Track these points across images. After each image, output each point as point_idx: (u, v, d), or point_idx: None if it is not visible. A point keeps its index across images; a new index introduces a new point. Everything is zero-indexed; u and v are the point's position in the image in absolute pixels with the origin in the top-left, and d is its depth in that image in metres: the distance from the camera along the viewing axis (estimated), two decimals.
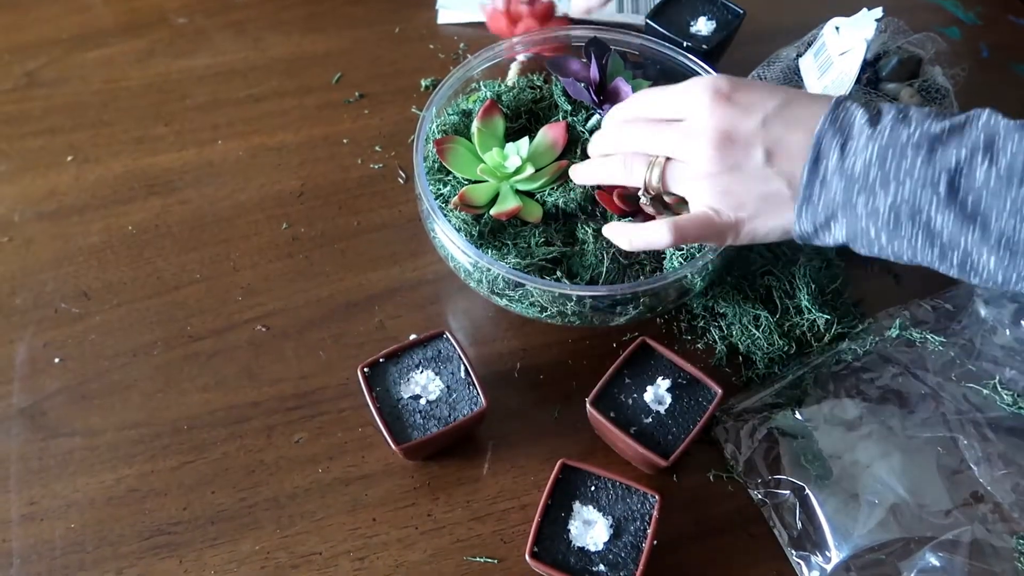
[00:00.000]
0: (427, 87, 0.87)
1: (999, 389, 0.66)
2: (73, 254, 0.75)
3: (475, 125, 0.69)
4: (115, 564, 0.61)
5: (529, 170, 0.66)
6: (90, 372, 0.69)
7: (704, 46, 0.82)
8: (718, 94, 0.55)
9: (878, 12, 0.71)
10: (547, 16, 0.83)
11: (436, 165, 0.70)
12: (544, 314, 0.65)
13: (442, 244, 0.66)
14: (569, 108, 0.72)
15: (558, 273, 0.65)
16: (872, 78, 0.76)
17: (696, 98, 0.56)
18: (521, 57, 0.77)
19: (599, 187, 0.67)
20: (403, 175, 0.81)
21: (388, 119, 0.85)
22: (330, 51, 0.90)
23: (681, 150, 0.56)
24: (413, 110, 0.86)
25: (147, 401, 0.68)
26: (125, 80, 0.88)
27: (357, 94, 0.87)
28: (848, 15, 0.74)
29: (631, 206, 0.65)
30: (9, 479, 0.64)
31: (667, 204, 0.61)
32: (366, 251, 0.76)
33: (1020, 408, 0.65)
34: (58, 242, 0.76)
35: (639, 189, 0.60)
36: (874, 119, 0.51)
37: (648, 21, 0.83)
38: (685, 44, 0.82)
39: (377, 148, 0.83)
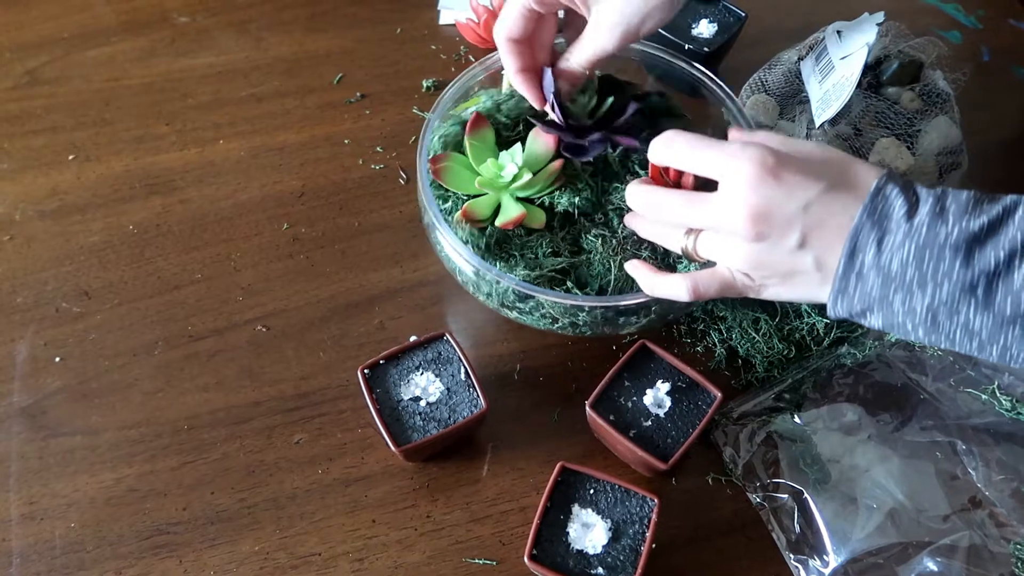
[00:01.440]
0: (428, 88, 0.87)
1: (997, 394, 0.66)
2: (74, 253, 0.75)
3: (467, 139, 0.68)
4: (115, 564, 0.61)
5: (527, 176, 0.66)
6: (90, 371, 0.69)
7: (706, 49, 0.82)
8: (764, 168, 0.53)
9: (879, 16, 0.72)
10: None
11: (437, 183, 0.68)
12: (555, 326, 0.65)
13: (449, 258, 0.65)
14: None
15: (568, 283, 0.65)
16: (873, 82, 0.76)
17: (741, 168, 0.53)
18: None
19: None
20: (404, 176, 0.81)
21: (389, 119, 0.85)
22: (332, 51, 0.90)
23: (717, 223, 0.55)
24: (414, 111, 0.86)
25: (147, 401, 0.68)
26: (127, 79, 0.88)
27: (358, 94, 0.87)
28: (850, 19, 0.74)
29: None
30: (9, 478, 0.64)
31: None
32: (367, 252, 0.76)
33: (1019, 414, 0.65)
34: (59, 241, 0.76)
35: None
36: (912, 211, 0.50)
37: None
38: (687, 47, 0.82)
39: (378, 148, 0.83)
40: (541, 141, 0.68)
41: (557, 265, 0.65)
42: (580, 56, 0.66)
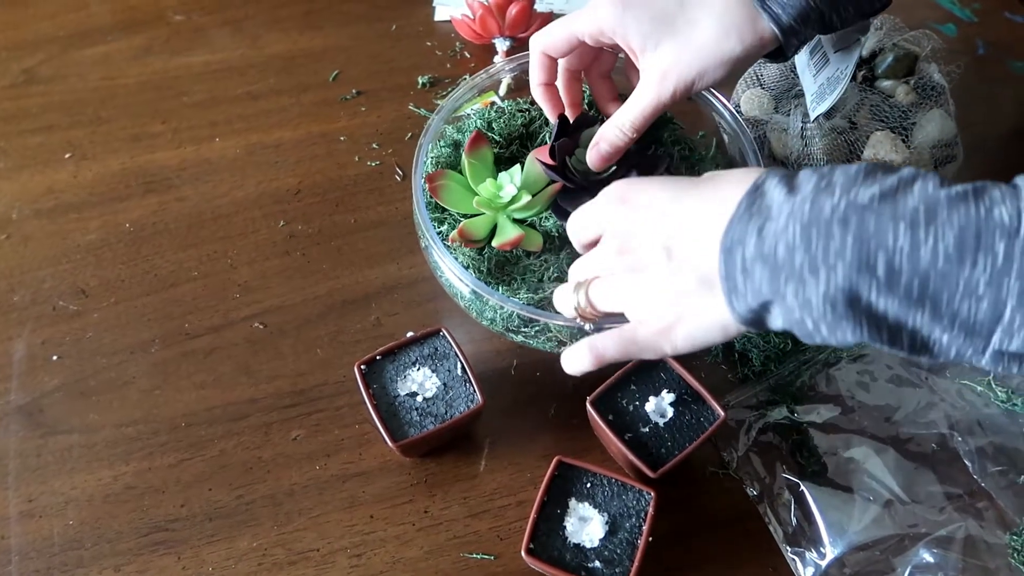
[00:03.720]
0: (424, 84, 0.87)
1: (993, 386, 0.66)
2: (71, 251, 0.76)
3: (465, 158, 0.67)
4: (113, 561, 0.61)
5: (525, 198, 0.65)
6: (88, 369, 0.69)
7: None
8: (613, 199, 0.53)
9: None
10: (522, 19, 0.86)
11: (433, 201, 0.68)
12: (562, 348, 0.64)
13: (449, 282, 0.65)
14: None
15: None
16: (868, 76, 0.76)
17: (599, 210, 0.54)
18: (507, 80, 0.77)
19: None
20: (400, 172, 0.81)
21: (385, 116, 0.85)
22: (327, 48, 0.91)
23: (594, 267, 0.55)
24: (410, 107, 0.86)
25: (145, 398, 0.68)
26: (123, 77, 0.88)
27: (354, 91, 0.87)
28: None
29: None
30: (8, 476, 0.64)
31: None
32: (363, 248, 0.76)
33: (1014, 405, 0.65)
34: (56, 239, 0.76)
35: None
36: (792, 191, 0.45)
37: None
38: None
39: (374, 145, 0.83)
40: (540, 164, 0.67)
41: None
42: (624, 117, 0.62)
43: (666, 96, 0.60)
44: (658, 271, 0.50)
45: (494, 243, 0.65)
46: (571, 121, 0.67)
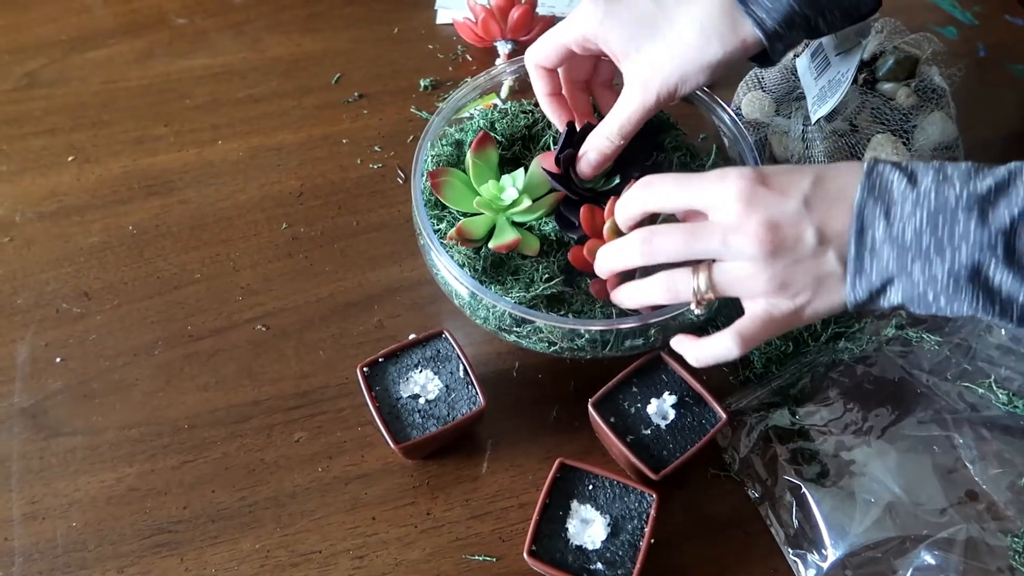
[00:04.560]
0: (426, 87, 0.88)
1: (994, 388, 0.66)
2: (74, 254, 0.76)
3: (469, 157, 0.67)
4: (116, 563, 0.61)
5: (526, 202, 0.65)
6: (91, 372, 0.69)
7: None
8: (752, 180, 0.52)
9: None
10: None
11: (432, 200, 0.68)
12: (552, 348, 0.64)
13: (445, 280, 0.65)
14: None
15: (565, 308, 0.64)
16: (869, 78, 0.77)
17: (730, 188, 0.52)
18: (509, 82, 0.77)
19: (573, 243, 0.65)
20: (402, 175, 0.81)
21: (387, 119, 0.85)
22: (329, 51, 0.91)
23: (725, 249, 0.52)
24: (412, 110, 0.86)
25: (148, 400, 0.68)
26: (125, 81, 0.88)
27: (356, 94, 0.87)
28: None
29: None
30: (11, 478, 0.64)
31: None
32: (365, 250, 0.76)
33: (1015, 407, 0.66)
34: (59, 242, 0.76)
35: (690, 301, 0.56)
36: (912, 181, 0.50)
37: None
38: None
39: (376, 148, 0.83)
40: (544, 172, 0.67)
41: (551, 290, 0.64)
42: (611, 126, 0.62)
43: (651, 102, 0.60)
44: (807, 256, 0.51)
45: (491, 244, 0.65)
46: (578, 130, 0.67)
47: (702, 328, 0.71)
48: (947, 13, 0.96)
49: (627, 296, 0.60)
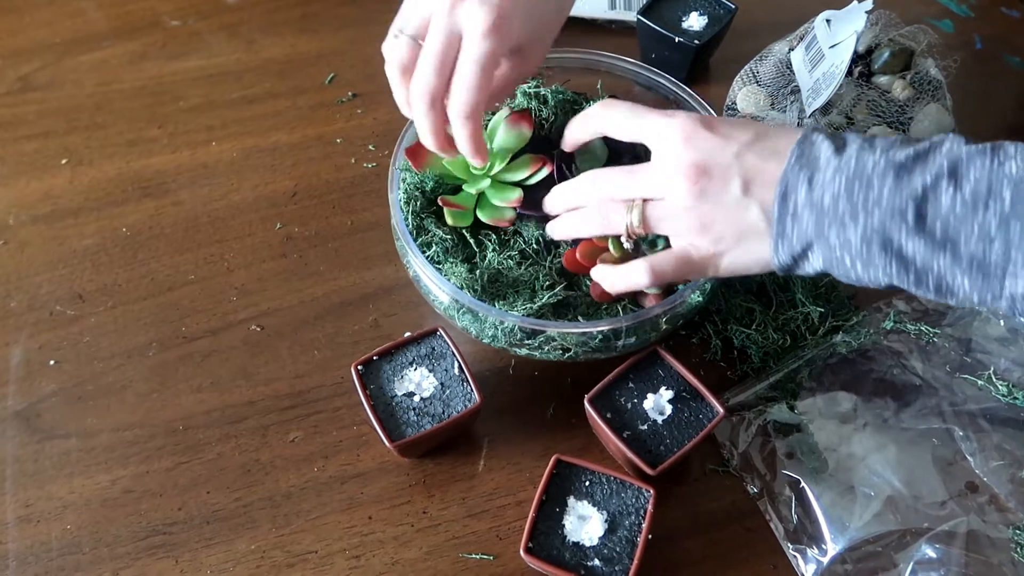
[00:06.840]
0: None
1: (994, 380, 0.66)
2: (68, 256, 0.75)
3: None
4: (111, 565, 0.61)
5: (499, 165, 0.65)
6: (85, 374, 0.69)
7: (696, 41, 0.82)
8: (694, 124, 0.55)
9: (868, 4, 0.72)
10: None
11: (416, 222, 0.66)
12: (566, 356, 0.64)
13: (446, 306, 0.64)
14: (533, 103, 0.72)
15: (572, 313, 0.64)
16: (864, 71, 0.76)
17: (674, 127, 0.55)
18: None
19: (567, 245, 0.66)
20: None
21: (381, 118, 0.85)
22: (323, 52, 0.90)
23: (658, 188, 0.56)
24: None
25: (142, 402, 0.68)
26: (118, 83, 0.88)
27: (350, 94, 0.87)
28: (840, 8, 0.74)
29: (592, 262, 0.63)
30: (5, 481, 0.64)
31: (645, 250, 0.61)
32: (360, 250, 0.76)
33: (1015, 399, 0.65)
34: (53, 245, 0.76)
35: (619, 236, 0.59)
36: (839, 149, 0.51)
37: (639, 17, 0.83)
38: (677, 40, 0.82)
39: (371, 147, 0.83)
40: (511, 122, 0.67)
41: (555, 298, 0.63)
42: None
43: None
44: (731, 203, 0.53)
45: (482, 216, 0.65)
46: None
47: (701, 314, 0.71)
48: (943, 5, 0.96)
49: (561, 227, 0.63)
